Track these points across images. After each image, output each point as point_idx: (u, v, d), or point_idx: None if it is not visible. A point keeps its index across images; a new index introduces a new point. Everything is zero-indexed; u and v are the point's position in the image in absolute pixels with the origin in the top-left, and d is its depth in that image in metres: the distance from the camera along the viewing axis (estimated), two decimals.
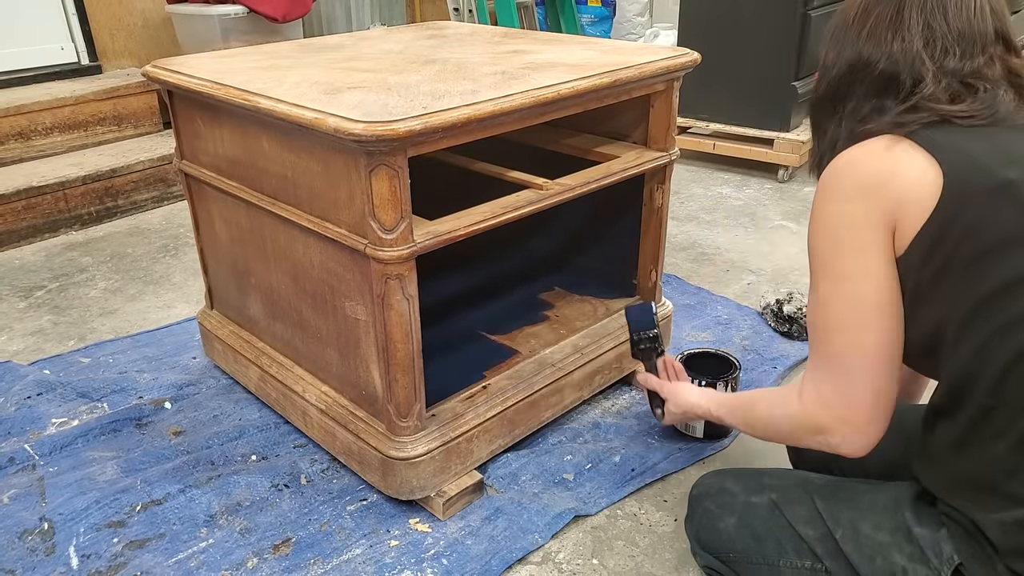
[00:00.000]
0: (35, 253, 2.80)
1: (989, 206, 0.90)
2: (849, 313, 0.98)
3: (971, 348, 0.92)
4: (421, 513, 1.54)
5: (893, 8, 1.00)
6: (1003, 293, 0.89)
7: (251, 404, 1.88)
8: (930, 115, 0.95)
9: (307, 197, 1.43)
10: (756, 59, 3.26)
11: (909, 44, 0.98)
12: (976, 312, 0.91)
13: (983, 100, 0.95)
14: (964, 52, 0.97)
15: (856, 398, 1.00)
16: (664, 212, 1.81)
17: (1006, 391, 0.91)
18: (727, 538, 1.17)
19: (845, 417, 1.01)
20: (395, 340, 1.38)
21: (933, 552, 0.98)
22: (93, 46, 3.66)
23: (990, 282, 0.90)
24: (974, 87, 0.96)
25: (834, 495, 1.11)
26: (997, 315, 0.90)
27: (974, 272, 0.91)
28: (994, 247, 0.89)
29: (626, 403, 1.88)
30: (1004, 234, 0.89)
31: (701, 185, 3.35)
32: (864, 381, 0.99)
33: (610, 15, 5.24)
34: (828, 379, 1.02)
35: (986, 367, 0.91)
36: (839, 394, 1.01)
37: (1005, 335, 0.89)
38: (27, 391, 1.93)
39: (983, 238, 0.90)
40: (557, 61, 1.61)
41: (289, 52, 1.79)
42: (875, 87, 1.00)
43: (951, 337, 0.94)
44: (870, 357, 0.98)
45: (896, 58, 0.98)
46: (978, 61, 0.96)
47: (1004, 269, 0.89)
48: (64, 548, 1.47)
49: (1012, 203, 0.89)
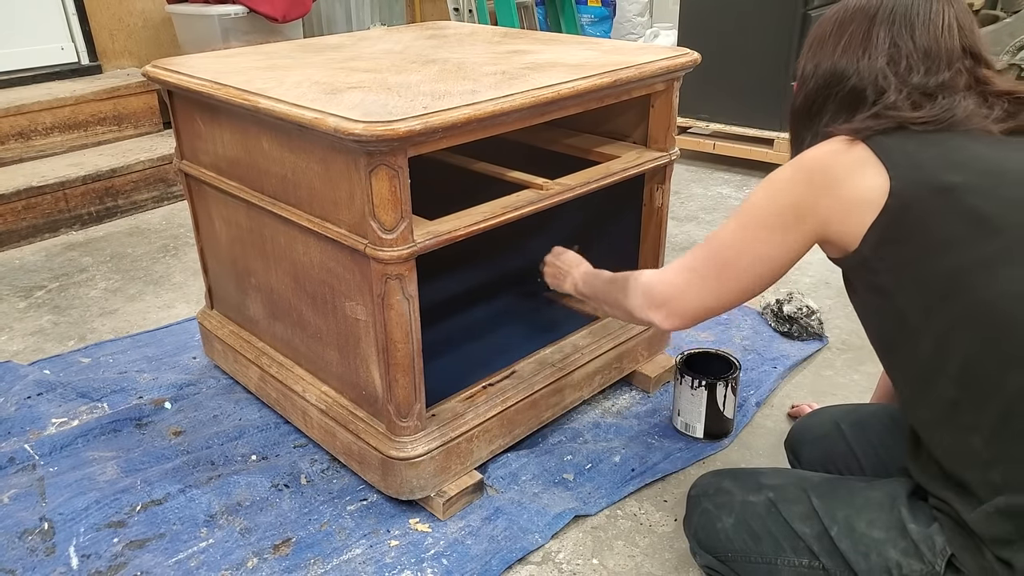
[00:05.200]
0: (35, 253, 2.80)
1: (931, 208, 0.94)
2: (741, 260, 1.10)
3: (932, 341, 0.97)
4: (421, 513, 1.55)
5: (865, 26, 1.05)
6: (951, 291, 0.94)
7: (251, 404, 1.88)
8: (888, 122, 0.99)
9: (307, 197, 1.43)
10: (756, 59, 3.26)
11: (874, 61, 1.03)
12: (932, 306, 0.96)
13: (941, 106, 0.99)
14: (929, 68, 1.01)
15: (694, 307, 1.16)
16: (664, 212, 1.81)
17: (969, 384, 0.95)
18: (725, 538, 1.18)
19: (678, 313, 1.17)
20: (395, 340, 1.38)
21: (926, 546, 1.00)
22: (93, 46, 3.66)
23: (940, 277, 0.95)
24: (933, 96, 1.00)
25: (830, 493, 1.12)
26: (952, 307, 0.94)
27: (923, 270, 0.96)
28: (938, 246, 0.94)
29: (626, 403, 1.88)
30: (946, 235, 0.94)
31: (701, 185, 3.35)
32: (709, 301, 1.14)
33: (610, 15, 5.24)
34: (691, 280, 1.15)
35: (948, 359, 0.96)
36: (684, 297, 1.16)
37: (962, 326, 0.94)
38: (27, 391, 1.93)
39: (927, 239, 0.95)
40: (557, 61, 1.61)
41: (289, 52, 1.79)
42: (846, 102, 1.05)
43: (913, 329, 0.98)
44: (728, 295, 1.13)
45: (863, 75, 1.03)
46: (943, 76, 1.01)
47: (949, 267, 0.94)
48: (64, 548, 1.47)
49: (952, 205, 0.94)
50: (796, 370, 2.01)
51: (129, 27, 3.80)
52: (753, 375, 1.96)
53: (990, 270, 0.93)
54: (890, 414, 1.33)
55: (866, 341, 1.14)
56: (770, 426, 1.80)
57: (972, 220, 0.93)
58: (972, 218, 0.93)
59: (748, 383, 1.92)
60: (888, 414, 1.34)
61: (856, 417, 1.37)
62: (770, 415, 1.84)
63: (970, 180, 0.94)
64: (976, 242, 0.93)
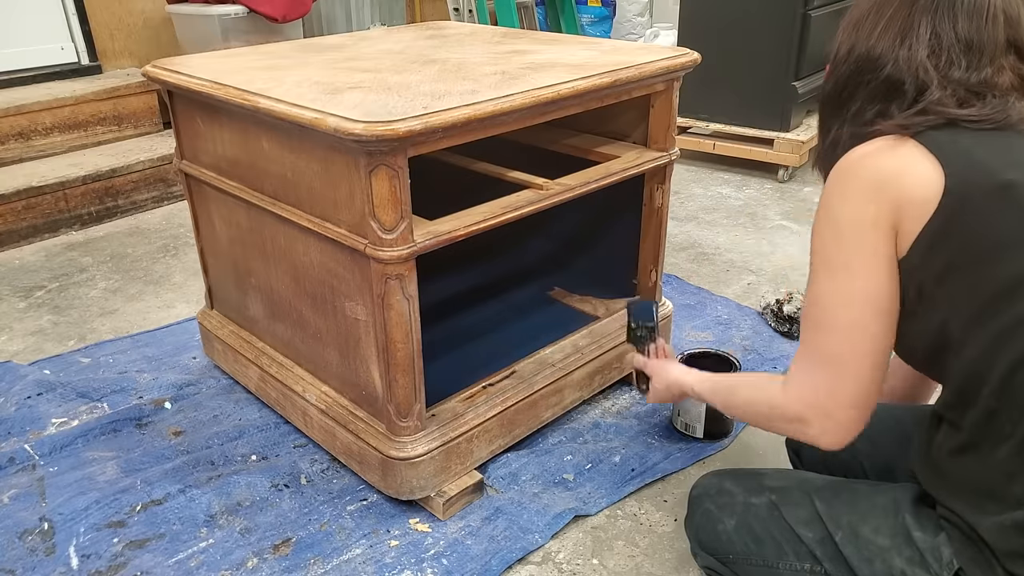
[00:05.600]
0: (35, 253, 2.80)
1: (989, 208, 0.89)
2: (845, 310, 0.97)
3: (977, 351, 0.92)
4: (421, 513, 1.54)
5: (905, 11, 0.98)
6: (1006, 295, 0.89)
7: (251, 404, 1.88)
8: (937, 118, 0.94)
9: (307, 197, 1.43)
10: (756, 59, 3.26)
11: (915, 52, 0.96)
12: (980, 314, 0.90)
13: (994, 105, 0.93)
14: (970, 63, 0.95)
15: (841, 395, 0.99)
16: (664, 212, 1.81)
17: (1011, 393, 0.90)
18: (727, 539, 1.17)
19: (828, 412, 1.01)
20: (395, 340, 1.38)
21: (933, 556, 0.98)
22: (93, 46, 3.66)
23: (992, 284, 0.89)
24: (982, 95, 0.94)
25: (834, 497, 1.10)
26: (1001, 317, 0.89)
27: (976, 274, 0.90)
28: (995, 249, 0.89)
29: (626, 403, 1.88)
30: (1005, 236, 0.89)
31: (701, 185, 3.35)
32: (851, 379, 0.99)
33: (610, 15, 5.24)
34: (815, 373, 1.02)
35: (992, 369, 0.91)
36: (824, 389, 1.00)
37: (1009, 337, 0.89)
38: (27, 391, 1.93)
39: (984, 240, 0.89)
40: (557, 61, 1.61)
41: (289, 52, 1.79)
42: (880, 91, 0.99)
43: (956, 339, 0.93)
44: (860, 356, 0.98)
45: (901, 65, 0.97)
46: (985, 72, 0.95)
47: (1006, 271, 0.89)
48: (64, 548, 1.47)
49: (1012, 204, 0.89)
50: None
51: (129, 27, 3.80)
52: None
53: None
54: (894, 416, 1.32)
55: None
56: None
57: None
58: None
59: None
60: (892, 416, 1.33)
61: None
62: None
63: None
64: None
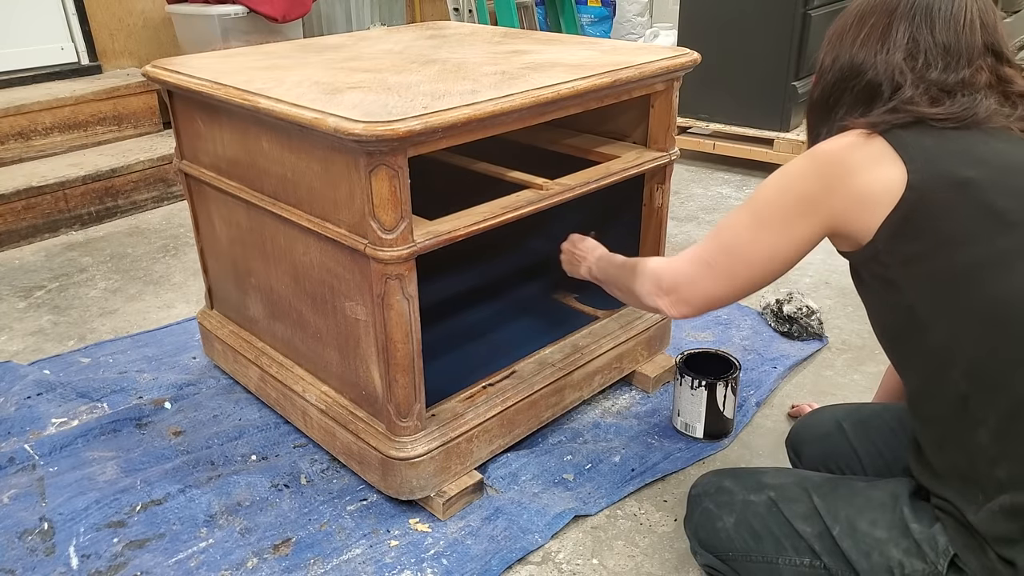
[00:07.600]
0: (35, 253, 2.80)
1: (948, 202, 0.94)
2: (751, 248, 1.10)
3: (942, 334, 0.97)
4: (421, 513, 1.54)
5: (885, 20, 1.04)
6: (967, 282, 0.94)
7: (251, 404, 1.88)
8: (906, 116, 0.99)
9: (307, 197, 1.43)
10: (756, 59, 3.26)
11: (892, 56, 1.02)
12: (944, 300, 0.96)
13: (962, 104, 0.98)
14: (948, 65, 1.00)
15: (710, 296, 1.16)
16: (664, 212, 1.81)
17: (979, 375, 0.95)
18: (726, 537, 1.18)
19: (688, 300, 1.19)
20: (395, 340, 1.38)
21: (929, 546, 1.00)
22: (93, 46, 3.66)
23: (953, 272, 0.95)
24: (953, 93, 0.99)
25: (831, 492, 1.12)
26: (965, 302, 0.95)
27: (937, 263, 0.96)
28: (953, 240, 0.94)
29: (626, 403, 1.88)
30: (962, 229, 0.94)
31: (701, 185, 3.35)
32: (724, 290, 1.15)
33: (610, 15, 5.24)
34: (702, 271, 1.16)
35: (959, 353, 0.96)
36: (701, 287, 1.16)
37: (974, 321, 0.94)
38: (27, 391, 1.93)
39: (943, 231, 0.95)
40: (557, 61, 1.61)
41: (289, 52, 1.79)
42: (863, 96, 1.05)
43: (923, 323, 0.98)
44: (742, 281, 1.13)
45: (879, 69, 1.03)
46: (964, 73, 1.00)
47: (964, 259, 0.94)
48: (64, 548, 1.47)
49: (969, 199, 0.94)
50: (796, 370, 2.01)
51: (129, 27, 3.80)
52: (753, 375, 1.96)
53: (1006, 265, 0.93)
54: (893, 414, 1.33)
55: (866, 341, 1.14)
56: (770, 426, 1.80)
57: (989, 215, 0.93)
58: (989, 213, 0.93)
59: (748, 383, 1.92)
60: (891, 414, 1.34)
61: (858, 417, 1.37)
62: (770, 415, 1.84)
63: (987, 175, 0.94)
64: (992, 237, 0.93)
